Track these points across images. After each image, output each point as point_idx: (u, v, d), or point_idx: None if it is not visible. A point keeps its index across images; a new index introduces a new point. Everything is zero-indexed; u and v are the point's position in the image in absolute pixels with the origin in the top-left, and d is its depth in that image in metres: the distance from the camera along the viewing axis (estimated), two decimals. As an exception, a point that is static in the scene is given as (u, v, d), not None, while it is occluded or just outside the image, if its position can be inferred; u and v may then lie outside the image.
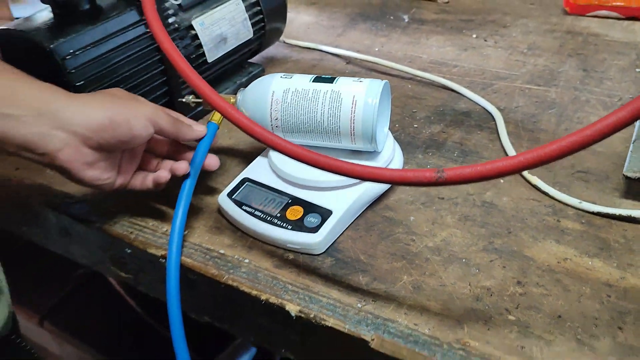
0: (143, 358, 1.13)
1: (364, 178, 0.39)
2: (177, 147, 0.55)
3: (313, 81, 0.55)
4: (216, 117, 0.56)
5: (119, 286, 1.17)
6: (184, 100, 0.60)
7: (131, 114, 0.48)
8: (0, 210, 0.66)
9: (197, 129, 0.54)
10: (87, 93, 0.50)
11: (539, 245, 0.50)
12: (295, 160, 0.43)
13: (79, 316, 1.17)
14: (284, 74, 0.58)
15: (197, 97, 0.60)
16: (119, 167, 0.51)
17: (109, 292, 1.15)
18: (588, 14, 0.87)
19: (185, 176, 0.52)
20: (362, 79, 0.55)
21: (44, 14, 0.59)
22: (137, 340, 1.16)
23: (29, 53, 0.56)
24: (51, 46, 0.54)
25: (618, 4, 0.84)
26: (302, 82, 0.56)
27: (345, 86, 0.54)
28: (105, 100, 0.48)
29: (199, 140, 0.54)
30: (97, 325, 1.20)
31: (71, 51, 0.55)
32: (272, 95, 0.56)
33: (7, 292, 0.46)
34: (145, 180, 0.53)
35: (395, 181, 0.38)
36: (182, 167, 0.52)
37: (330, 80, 0.55)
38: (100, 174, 0.49)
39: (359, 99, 0.53)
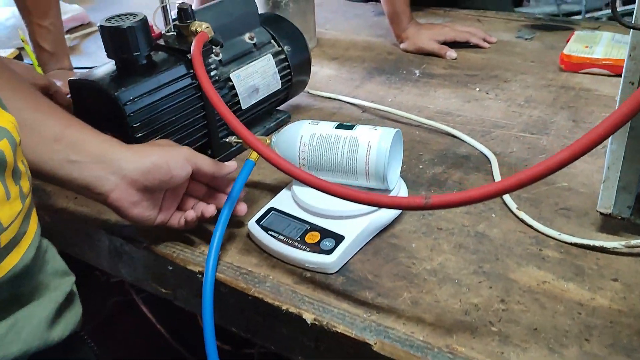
0: (169, 380, 1.20)
1: (368, 203, 0.48)
2: (211, 192, 0.65)
3: (335, 128, 0.66)
4: (253, 155, 0.66)
5: (149, 314, 1.26)
6: (227, 140, 0.70)
7: (170, 157, 0.59)
8: (58, 234, 0.76)
9: (229, 164, 0.64)
10: (138, 144, 0.61)
11: (522, 270, 0.58)
12: (316, 190, 0.52)
13: (112, 341, 1.26)
14: (311, 120, 0.68)
15: (238, 138, 0.70)
16: (160, 206, 0.62)
17: (140, 319, 1.24)
18: (581, 71, 0.96)
19: (226, 204, 0.62)
20: (377, 127, 0.65)
21: (108, 67, 0.71)
22: (165, 364, 1.24)
23: (97, 98, 0.68)
24: (116, 93, 0.65)
25: (608, 62, 0.93)
26: (326, 128, 0.66)
27: (362, 133, 0.64)
28: (150, 150, 0.60)
29: (232, 173, 0.64)
30: (129, 349, 1.29)
31: (131, 98, 0.67)
32: (300, 138, 0.66)
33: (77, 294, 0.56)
34: (180, 219, 0.63)
35: (392, 205, 0.47)
36: (210, 210, 0.62)
37: (350, 127, 0.65)
38: (144, 211, 0.60)
39: (373, 144, 0.63)
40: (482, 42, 1.09)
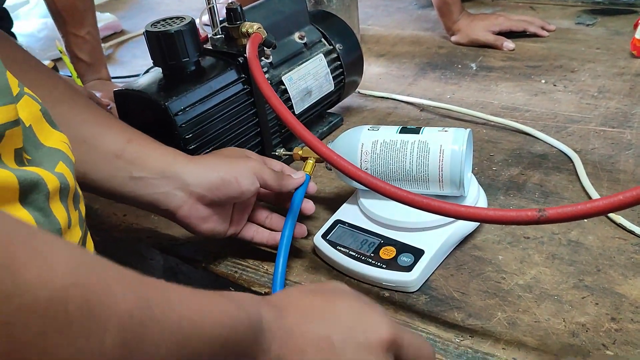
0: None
1: (471, 218, 0.43)
2: (283, 197, 0.60)
3: (399, 132, 0.60)
4: (307, 168, 0.61)
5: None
6: (276, 153, 0.65)
7: (239, 172, 0.54)
8: (108, 254, 0.72)
9: (297, 177, 0.59)
10: (203, 155, 0.57)
11: (629, 283, 0.52)
12: (403, 204, 0.47)
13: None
14: (370, 126, 0.62)
15: (288, 150, 0.65)
16: (231, 218, 0.57)
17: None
18: (656, 57, 0.89)
19: (288, 219, 0.57)
20: (447, 129, 0.59)
21: (154, 75, 0.66)
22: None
23: (145, 109, 0.63)
24: (166, 103, 0.61)
25: (686, 46, 0.86)
26: (389, 133, 0.60)
27: (432, 136, 0.58)
28: (217, 162, 0.55)
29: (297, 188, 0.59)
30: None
31: (182, 108, 0.62)
32: (361, 146, 0.60)
33: None
34: (257, 235, 0.59)
35: (500, 220, 0.41)
36: (274, 238, 0.58)
37: (417, 131, 0.59)
38: (214, 226, 0.55)
39: (446, 147, 0.57)
40: (540, 31, 1.02)
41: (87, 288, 0.23)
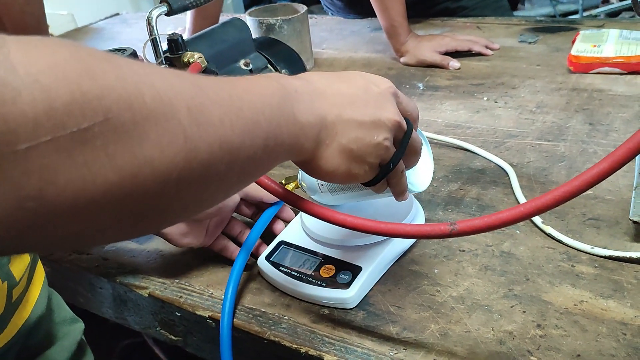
0: None
1: (390, 234, 0.45)
2: (259, 211, 0.65)
3: None
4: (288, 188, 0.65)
5: (162, 355, 1.21)
6: None
7: None
8: (60, 284, 0.72)
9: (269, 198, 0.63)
10: None
11: (555, 290, 0.54)
12: (330, 223, 0.48)
13: (124, 385, 1.21)
14: None
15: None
16: (206, 229, 0.61)
17: (153, 361, 1.19)
18: (591, 72, 0.92)
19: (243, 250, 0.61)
20: None
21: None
22: (181, 408, 1.18)
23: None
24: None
25: (619, 60, 0.90)
26: None
27: None
28: None
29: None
30: (142, 393, 1.24)
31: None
32: None
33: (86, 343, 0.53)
34: (224, 248, 0.63)
35: (415, 235, 0.43)
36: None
37: None
38: (192, 240, 0.61)
39: None
40: (484, 50, 1.06)
41: (154, 85, 0.27)
